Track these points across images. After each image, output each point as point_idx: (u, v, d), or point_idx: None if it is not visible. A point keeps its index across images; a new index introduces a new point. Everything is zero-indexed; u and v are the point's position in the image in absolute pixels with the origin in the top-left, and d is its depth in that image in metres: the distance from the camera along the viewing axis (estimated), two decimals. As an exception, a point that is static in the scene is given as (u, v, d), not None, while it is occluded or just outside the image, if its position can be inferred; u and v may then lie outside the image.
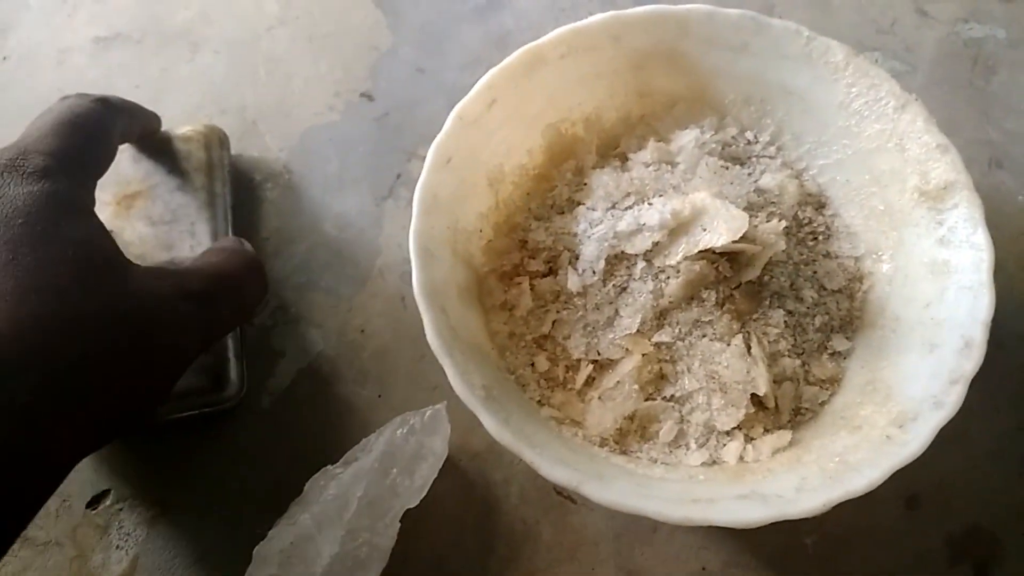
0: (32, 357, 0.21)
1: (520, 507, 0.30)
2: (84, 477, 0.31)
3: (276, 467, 0.31)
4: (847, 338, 0.30)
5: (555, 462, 0.24)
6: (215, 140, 0.36)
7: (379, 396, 0.33)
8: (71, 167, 0.26)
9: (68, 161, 0.26)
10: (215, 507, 0.31)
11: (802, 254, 0.31)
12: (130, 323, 0.24)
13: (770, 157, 0.33)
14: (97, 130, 0.28)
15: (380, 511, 0.27)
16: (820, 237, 0.32)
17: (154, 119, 0.34)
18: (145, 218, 0.34)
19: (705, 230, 0.29)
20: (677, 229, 0.29)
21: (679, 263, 0.29)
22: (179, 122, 0.37)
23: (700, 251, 0.28)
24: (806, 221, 0.32)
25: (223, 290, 0.28)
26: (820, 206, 0.33)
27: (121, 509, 0.31)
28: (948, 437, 0.24)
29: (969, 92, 0.39)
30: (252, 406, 0.32)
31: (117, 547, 0.30)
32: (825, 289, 0.31)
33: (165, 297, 0.25)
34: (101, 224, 0.26)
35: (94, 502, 0.31)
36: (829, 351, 0.30)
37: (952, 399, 0.25)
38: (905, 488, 0.31)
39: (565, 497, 0.31)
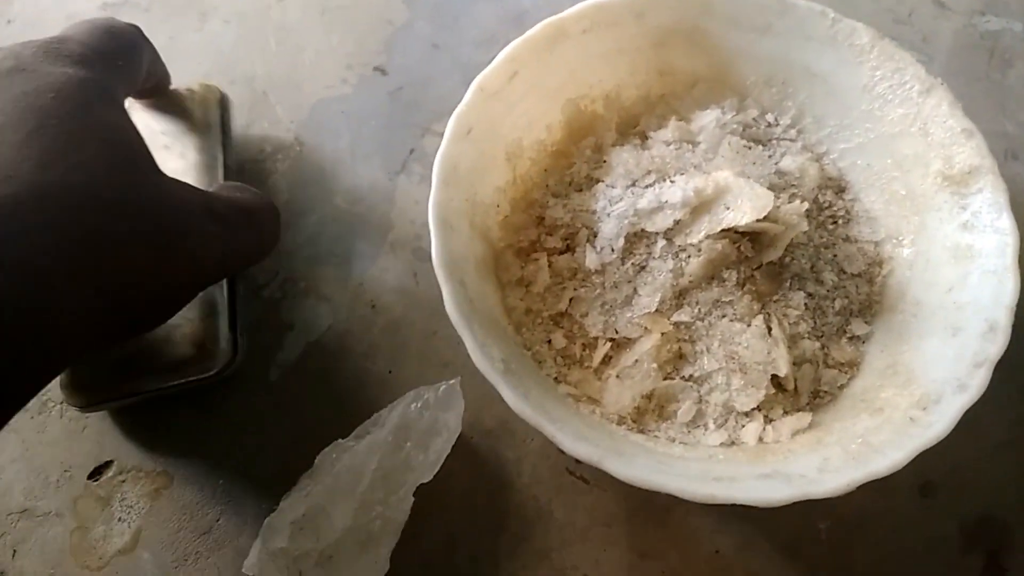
0: (51, 223, 0.20)
1: (532, 486, 0.30)
2: (86, 448, 0.30)
3: (283, 441, 0.31)
4: (866, 322, 0.30)
5: (576, 437, 0.24)
6: (213, 100, 0.35)
7: (389, 372, 0.32)
8: (107, 62, 0.26)
9: (105, 56, 0.26)
10: (221, 480, 0.30)
11: (822, 237, 0.31)
12: (154, 219, 0.23)
13: (791, 140, 0.33)
14: (132, 45, 0.29)
15: (394, 485, 0.27)
16: (840, 221, 0.32)
17: (168, 77, 0.34)
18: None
19: (728, 208, 0.28)
20: (699, 207, 0.29)
21: (700, 242, 0.28)
22: (189, 90, 0.36)
23: (722, 230, 0.28)
24: (826, 205, 0.32)
25: (246, 222, 0.27)
26: (840, 190, 0.32)
27: (124, 481, 0.30)
28: (962, 425, 0.24)
29: (986, 84, 0.39)
30: (260, 378, 0.32)
31: (119, 519, 0.29)
32: (845, 273, 0.30)
33: (192, 209, 0.25)
34: (134, 124, 0.25)
35: (96, 473, 0.30)
36: (848, 335, 0.30)
37: (977, 382, 0.24)
38: (919, 475, 0.30)
39: (577, 477, 0.30)
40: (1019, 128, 0.38)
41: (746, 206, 0.28)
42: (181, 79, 0.39)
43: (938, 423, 0.24)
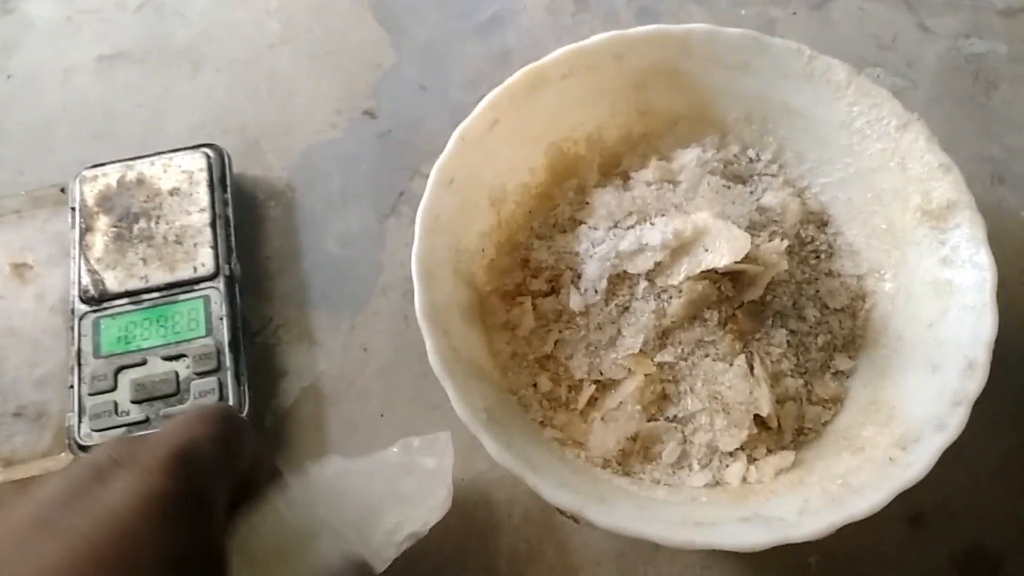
0: None
1: (523, 527, 0.30)
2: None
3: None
4: (850, 357, 0.30)
5: (557, 486, 0.24)
6: (217, 160, 0.36)
7: (381, 415, 0.33)
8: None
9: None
10: (218, 528, 0.31)
11: (804, 273, 0.31)
12: None
13: (772, 175, 0.33)
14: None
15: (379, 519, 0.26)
16: (822, 255, 0.32)
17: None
18: (147, 239, 0.34)
19: (707, 250, 0.29)
20: (679, 249, 0.29)
21: (681, 283, 0.29)
22: (182, 141, 0.37)
23: (702, 271, 0.28)
24: (808, 239, 0.32)
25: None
26: (822, 224, 0.33)
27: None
28: (951, 456, 0.24)
29: (971, 107, 0.39)
30: (255, 425, 0.32)
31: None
32: (828, 308, 0.31)
33: None
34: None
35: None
36: (832, 370, 0.30)
37: (955, 421, 0.25)
38: (909, 507, 0.30)
39: (568, 517, 0.31)
40: (1005, 151, 0.38)
41: (724, 248, 0.28)
42: (176, 129, 0.40)
43: (917, 463, 0.24)
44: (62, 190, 0.37)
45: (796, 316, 0.30)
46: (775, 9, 0.43)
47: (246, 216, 0.37)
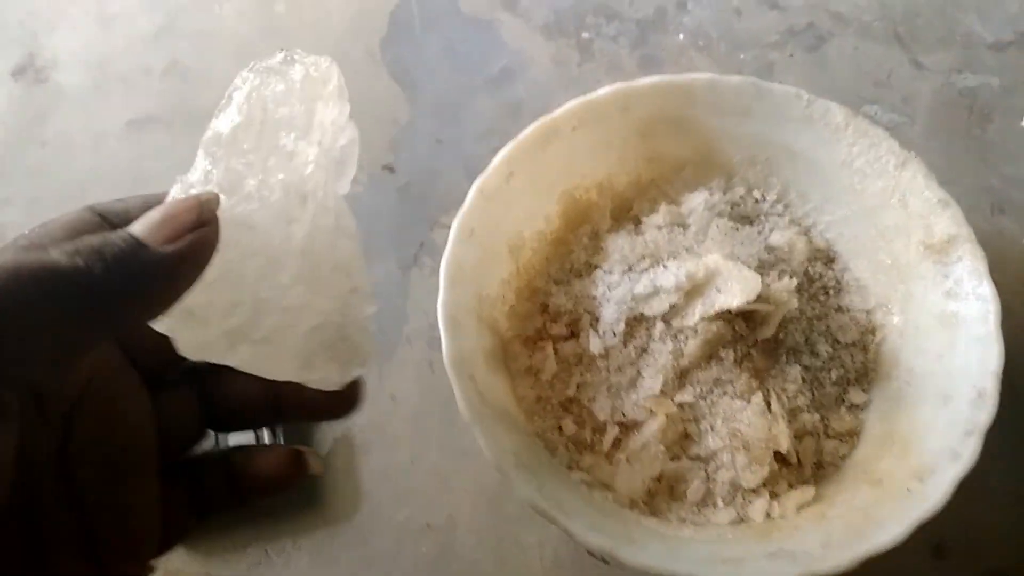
0: None
1: (554, 570, 0.31)
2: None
3: (314, 535, 0.32)
4: (863, 390, 0.31)
5: (588, 528, 0.25)
6: None
7: (411, 461, 0.34)
8: None
9: None
10: (258, 577, 0.32)
11: (814, 309, 0.32)
12: None
13: (778, 215, 0.35)
14: None
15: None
16: (831, 291, 0.33)
17: None
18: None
19: (720, 291, 0.30)
20: (693, 291, 0.30)
21: (696, 324, 0.30)
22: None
23: (716, 311, 0.30)
24: (816, 276, 0.33)
25: None
26: (829, 261, 0.34)
27: (169, 583, 0.32)
28: (971, 484, 0.25)
29: (967, 140, 0.41)
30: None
31: (165, 621, 0.31)
32: (839, 343, 0.32)
33: None
34: None
35: None
36: (847, 404, 0.31)
37: (968, 451, 0.26)
38: (931, 536, 0.31)
39: (598, 559, 0.31)
40: (1003, 181, 0.39)
41: (735, 289, 0.29)
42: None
43: (934, 494, 0.25)
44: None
45: (809, 352, 0.31)
46: (773, 52, 0.44)
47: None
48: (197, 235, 0.18)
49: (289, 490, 0.24)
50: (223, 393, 0.23)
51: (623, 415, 0.30)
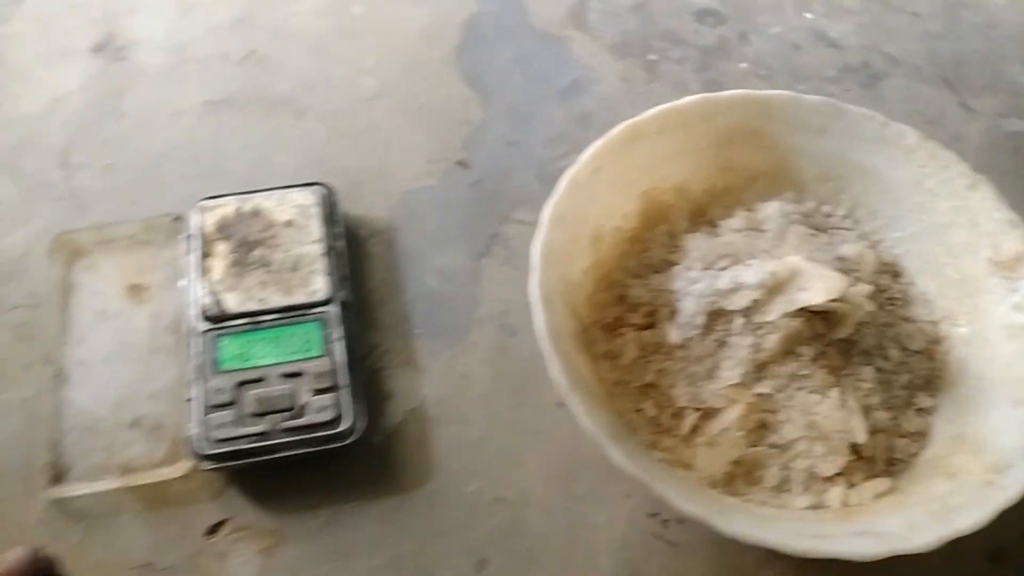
0: None
1: (622, 551, 0.32)
2: (203, 507, 0.32)
3: (385, 502, 0.33)
4: (930, 396, 0.32)
5: (682, 497, 0.26)
6: (328, 196, 0.39)
7: (481, 439, 0.34)
8: None
9: None
10: (328, 538, 0.32)
11: (884, 317, 0.34)
12: None
13: (847, 229, 0.36)
14: None
15: None
16: (898, 303, 0.35)
17: None
18: (264, 266, 0.36)
19: (802, 290, 0.31)
20: (774, 288, 0.32)
21: (777, 320, 0.31)
22: (286, 180, 0.40)
23: (797, 309, 0.31)
24: (884, 288, 0.35)
25: None
26: (896, 275, 0.35)
27: (239, 539, 0.32)
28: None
29: (1014, 179, 0.43)
30: (364, 442, 0.34)
31: (235, 575, 0.31)
32: (907, 350, 0.33)
33: None
34: None
35: (212, 530, 0.32)
36: (915, 407, 0.32)
37: (1045, 449, 0.27)
38: (989, 541, 0.32)
39: (665, 542, 0.32)
40: (1048, 220, 0.41)
41: (818, 287, 0.31)
42: (282, 168, 0.43)
43: (1014, 485, 0.26)
44: (176, 219, 0.39)
45: (881, 356, 0.32)
46: (831, 87, 0.47)
47: (351, 250, 0.39)
48: None
49: None
50: None
51: (702, 402, 0.31)
